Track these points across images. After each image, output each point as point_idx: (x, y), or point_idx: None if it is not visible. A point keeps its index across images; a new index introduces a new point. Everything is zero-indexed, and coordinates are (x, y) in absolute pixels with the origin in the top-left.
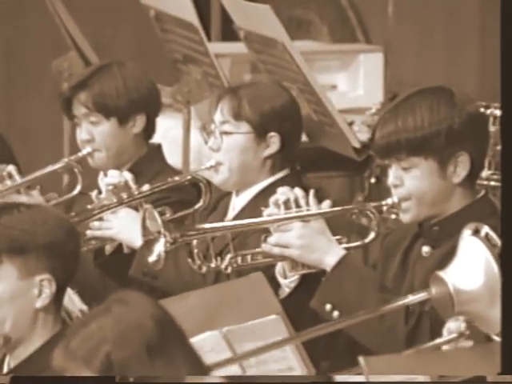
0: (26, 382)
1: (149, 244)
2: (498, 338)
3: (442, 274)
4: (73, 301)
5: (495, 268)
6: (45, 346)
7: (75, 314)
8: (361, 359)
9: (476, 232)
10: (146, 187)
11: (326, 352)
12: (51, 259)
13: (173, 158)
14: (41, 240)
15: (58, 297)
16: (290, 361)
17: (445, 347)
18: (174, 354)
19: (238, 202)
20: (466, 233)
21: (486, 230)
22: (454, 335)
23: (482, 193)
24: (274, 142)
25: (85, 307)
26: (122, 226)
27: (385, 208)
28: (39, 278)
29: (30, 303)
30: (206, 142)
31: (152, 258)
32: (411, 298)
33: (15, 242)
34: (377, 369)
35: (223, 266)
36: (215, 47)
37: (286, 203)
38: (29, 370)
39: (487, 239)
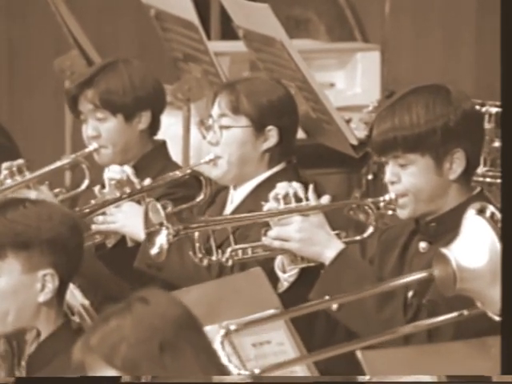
0: (30, 383)
1: (151, 236)
2: (497, 318)
3: (445, 250)
4: (74, 295)
5: (499, 247)
6: (48, 339)
7: (77, 308)
8: (358, 353)
9: (481, 211)
10: (147, 181)
11: (324, 346)
12: (55, 254)
13: (173, 154)
14: (45, 235)
15: (60, 291)
16: (288, 355)
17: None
18: (187, 355)
19: (236, 196)
20: (471, 212)
21: (491, 209)
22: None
23: (478, 189)
24: (272, 136)
25: (87, 302)
26: (126, 220)
27: (382, 204)
28: (42, 273)
29: (33, 297)
30: (204, 137)
31: (154, 251)
32: (414, 277)
33: (20, 237)
34: (375, 363)
35: (224, 259)
36: (215, 46)
37: (285, 198)
38: (33, 364)
39: (492, 219)
